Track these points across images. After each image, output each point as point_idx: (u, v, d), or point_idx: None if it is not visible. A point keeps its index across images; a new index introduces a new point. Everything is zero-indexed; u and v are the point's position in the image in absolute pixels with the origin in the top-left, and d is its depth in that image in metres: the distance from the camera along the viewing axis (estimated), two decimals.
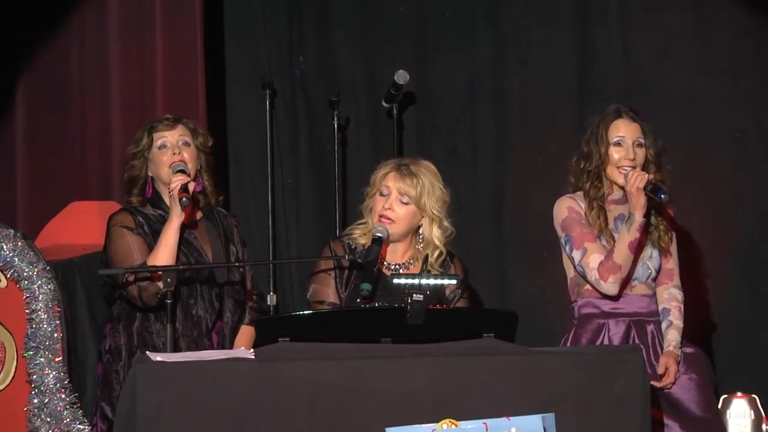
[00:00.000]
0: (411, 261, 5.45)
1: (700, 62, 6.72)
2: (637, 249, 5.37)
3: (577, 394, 4.64)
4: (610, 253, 5.35)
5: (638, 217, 5.31)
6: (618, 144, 5.43)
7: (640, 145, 5.42)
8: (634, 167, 5.35)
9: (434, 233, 5.41)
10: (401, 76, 6.57)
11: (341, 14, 6.96)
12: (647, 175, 5.31)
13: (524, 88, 6.84)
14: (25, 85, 6.48)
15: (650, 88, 6.62)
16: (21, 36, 6.45)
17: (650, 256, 5.44)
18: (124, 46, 6.48)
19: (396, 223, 5.36)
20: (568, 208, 5.46)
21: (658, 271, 5.47)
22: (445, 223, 5.42)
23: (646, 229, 5.40)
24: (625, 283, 5.40)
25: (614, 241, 5.35)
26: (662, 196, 5.25)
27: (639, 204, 5.30)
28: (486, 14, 6.86)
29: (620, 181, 5.38)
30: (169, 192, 5.33)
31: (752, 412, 6.09)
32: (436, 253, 5.42)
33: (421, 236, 5.44)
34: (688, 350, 5.44)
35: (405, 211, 5.38)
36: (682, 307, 5.46)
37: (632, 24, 6.77)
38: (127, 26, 6.49)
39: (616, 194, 5.44)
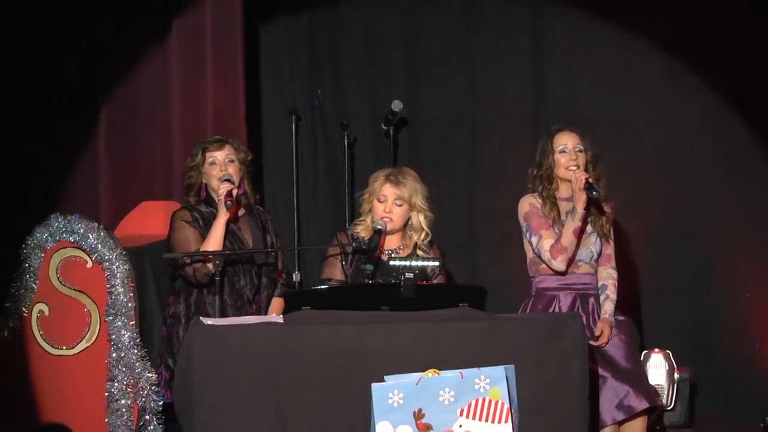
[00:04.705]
0: (401, 246, 5.47)
1: (629, 96, 6.69)
2: (580, 235, 5.39)
3: (532, 350, 4.68)
4: (559, 237, 5.38)
5: (580, 210, 5.35)
6: (563, 151, 5.46)
7: (580, 150, 5.46)
8: (578, 167, 5.41)
9: (421, 221, 5.44)
10: (396, 105, 6.57)
11: (350, 57, 6.89)
12: (586, 174, 5.36)
13: (492, 115, 6.80)
14: (107, 111, 6.41)
15: (590, 116, 6.54)
16: (103, 74, 6.47)
17: (594, 241, 5.46)
18: (182, 82, 6.43)
19: (394, 221, 5.40)
20: (529, 203, 5.49)
21: (599, 254, 5.48)
22: (428, 213, 5.46)
23: (588, 220, 5.42)
24: (573, 263, 5.41)
25: None
26: (594, 192, 5.30)
27: (581, 200, 5.34)
28: (462, 57, 6.82)
29: (567, 175, 5.40)
30: (218, 197, 5.39)
31: (666, 363, 6.12)
32: (423, 234, 5.46)
33: (410, 226, 5.47)
34: (620, 318, 5.44)
35: (399, 212, 5.42)
36: (616, 284, 5.46)
37: (575, 65, 6.74)
38: (185, 67, 6.45)
39: (566, 193, 5.46)
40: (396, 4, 6.89)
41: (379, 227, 5.35)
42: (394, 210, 5.40)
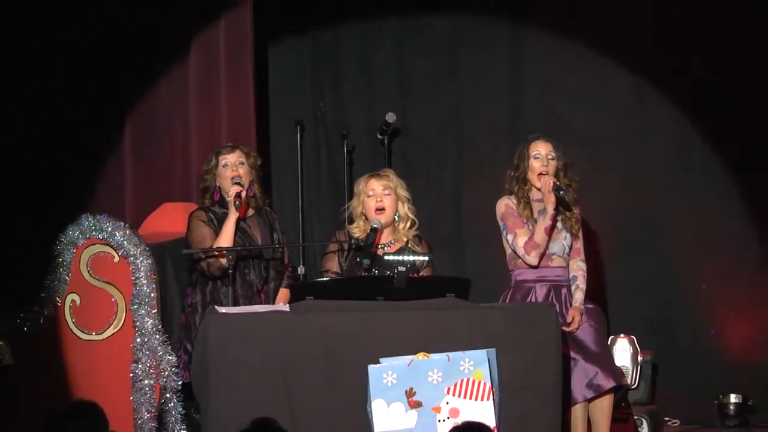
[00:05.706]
0: (392, 241, 5.46)
1: (597, 109, 6.68)
2: (551, 233, 5.40)
3: (512, 336, 4.70)
4: (532, 235, 5.39)
5: (550, 210, 5.36)
6: (536, 157, 5.47)
7: (552, 158, 5.46)
8: (548, 173, 5.43)
9: (407, 210, 5.43)
10: (390, 117, 6.54)
11: (349, 73, 6.89)
12: (553, 178, 5.39)
13: (475, 126, 6.80)
14: (131, 123, 6.42)
15: (562, 128, 6.45)
16: (127, 89, 6.47)
17: (564, 237, 5.46)
18: (199, 95, 6.45)
19: (387, 210, 5.39)
20: (505, 205, 5.50)
21: (570, 248, 5.49)
22: (410, 205, 5.46)
23: (558, 218, 5.41)
24: (546, 257, 5.42)
25: None
26: (561, 192, 5.32)
27: (550, 201, 5.35)
28: (449, 75, 6.81)
29: (537, 184, 5.44)
30: (228, 198, 5.40)
31: (631, 347, 6.13)
32: (410, 222, 5.45)
33: (397, 218, 5.46)
34: (589, 306, 5.44)
35: (390, 200, 5.40)
36: (586, 275, 5.46)
37: (550, 82, 6.73)
38: (202, 83, 6.43)
39: (538, 195, 5.46)
40: (390, 28, 6.87)
41: (375, 226, 5.35)
42: (385, 200, 5.39)
